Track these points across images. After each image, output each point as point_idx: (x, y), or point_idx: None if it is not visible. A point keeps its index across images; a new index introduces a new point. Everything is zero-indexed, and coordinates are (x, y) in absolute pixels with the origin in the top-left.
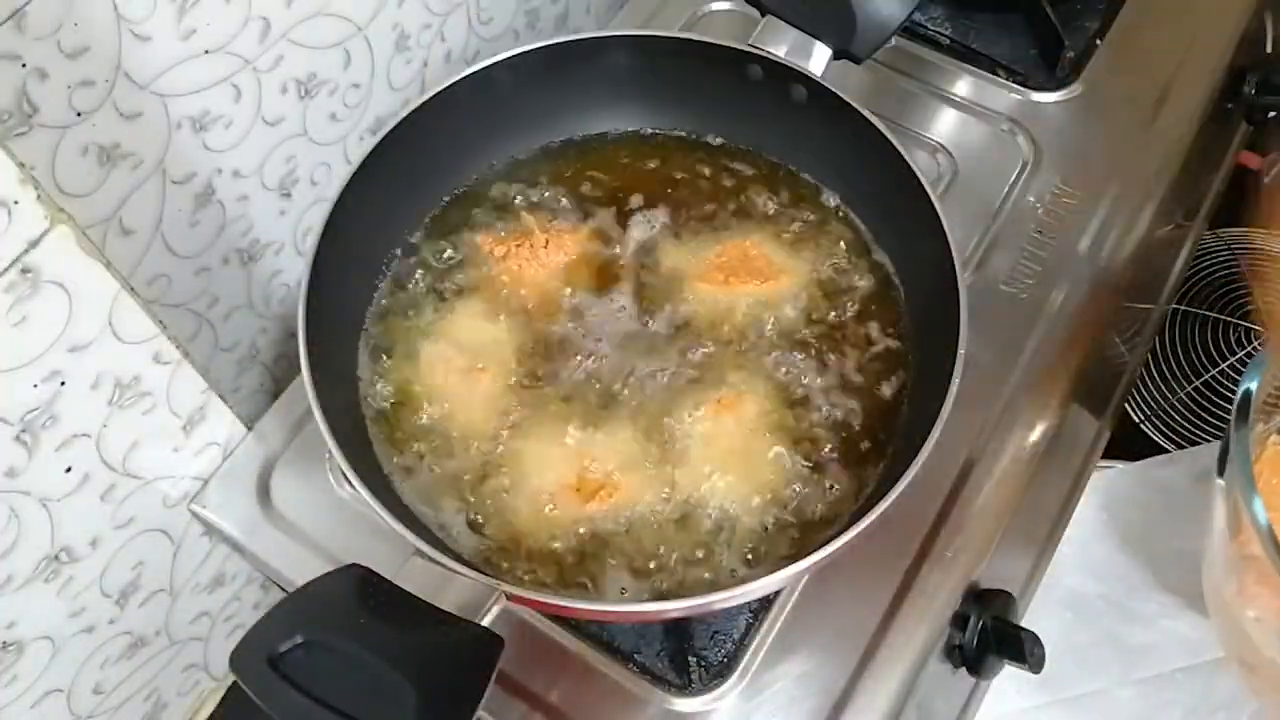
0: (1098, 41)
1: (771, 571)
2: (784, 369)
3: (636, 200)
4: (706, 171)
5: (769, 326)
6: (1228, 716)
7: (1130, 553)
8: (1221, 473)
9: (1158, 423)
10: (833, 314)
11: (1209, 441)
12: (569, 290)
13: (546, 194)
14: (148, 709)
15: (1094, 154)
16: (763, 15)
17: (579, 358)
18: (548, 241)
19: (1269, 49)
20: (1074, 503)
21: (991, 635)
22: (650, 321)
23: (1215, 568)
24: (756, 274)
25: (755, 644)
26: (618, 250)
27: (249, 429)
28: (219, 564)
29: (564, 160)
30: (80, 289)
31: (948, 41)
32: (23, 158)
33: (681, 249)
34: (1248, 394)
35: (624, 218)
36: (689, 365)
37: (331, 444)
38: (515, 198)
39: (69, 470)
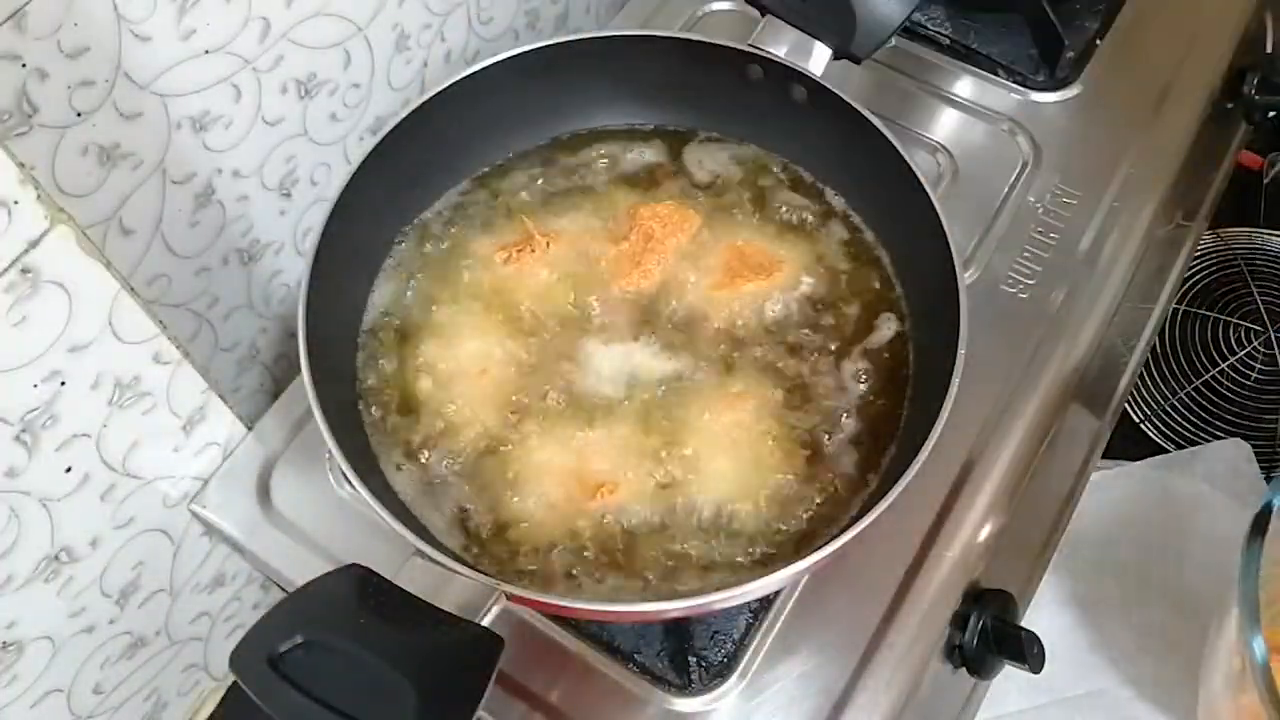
0: (1098, 41)
1: (771, 571)
2: (784, 368)
3: (637, 199)
4: (707, 172)
5: (769, 325)
6: None
7: (1130, 552)
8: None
9: (1158, 423)
10: (833, 314)
11: (1209, 441)
12: (568, 290)
13: (547, 194)
14: (148, 709)
15: (1094, 154)
16: (763, 15)
17: (579, 356)
18: (549, 243)
19: (1269, 49)
20: (1074, 503)
21: (991, 635)
22: (652, 320)
23: (1214, 677)
24: (757, 273)
25: (755, 644)
26: (618, 249)
27: (249, 429)
28: (219, 564)
29: (565, 160)
30: (80, 289)
31: (948, 41)
32: (23, 158)
33: (683, 248)
34: (1268, 508)
35: (625, 217)
36: (690, 363)
37: (331, 444)
38: (515, 198)
39: (69, 470)
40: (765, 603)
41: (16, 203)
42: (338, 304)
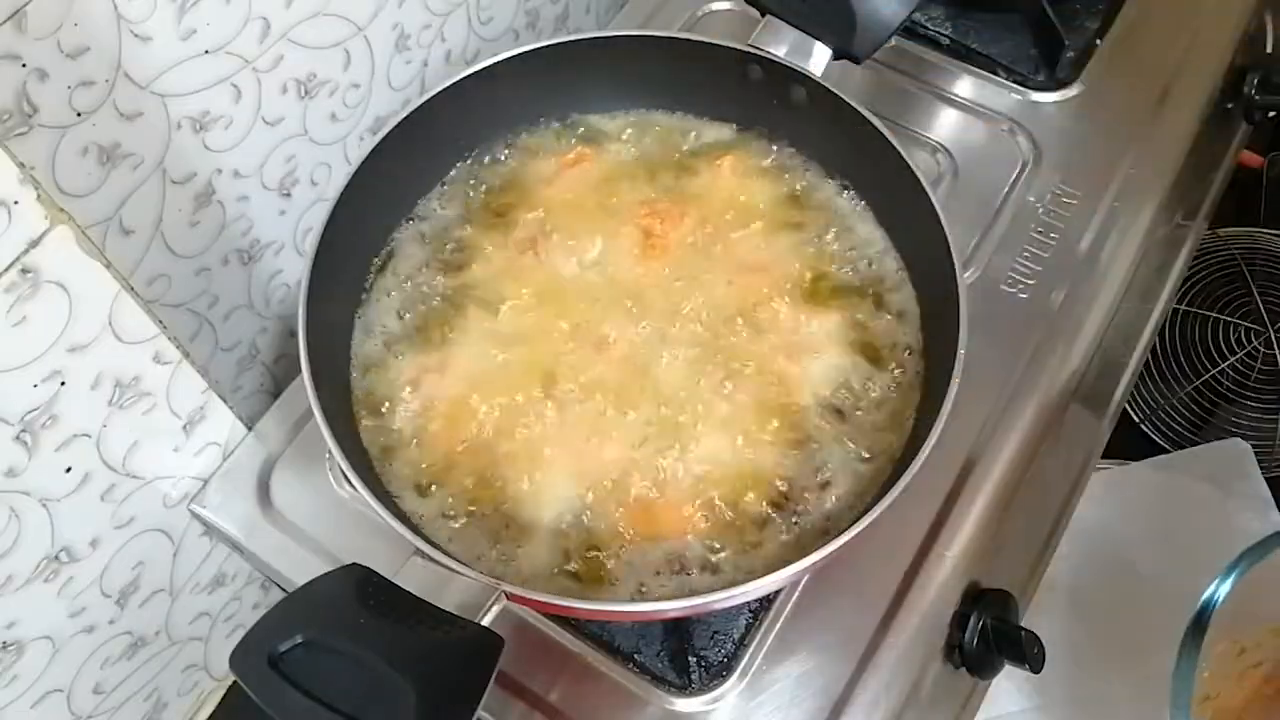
0: (1098, 41)
1: (771, 571)
2: (784, 366)
3: (639, 197)
4: (707, 170)
5: (769, 324)
6: None
7: (1130, 552)
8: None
9: (1158, 423)
10: (832, 313)
11: (1208, 442)
12: (569, 287)
13: (546, 193)
14: (148, 709)
15: (1094, 154)
16: (763, 15)
17: (580, 353)
18: (550, 242)
19: (1269, 49)
20: (1074, 503)
21: (991, 635)
22: (652, 315)
23: None
24: (756, 270)
25: (755, 644)
26: (621, 247)
27: (249, 429)
28: (219, 564)
29: (564, 159)
30: (80, 289)
31: (948, 41)
32: (23, 158)
33: (684, 246)
34: (1209, 605)
35: (625, 214)
36: (691, 360)
37: (331, 444)
38: (515, 197)
39: (69, 470)
40: (765, 603)
41: (16, 203)
42: (338, 304)
